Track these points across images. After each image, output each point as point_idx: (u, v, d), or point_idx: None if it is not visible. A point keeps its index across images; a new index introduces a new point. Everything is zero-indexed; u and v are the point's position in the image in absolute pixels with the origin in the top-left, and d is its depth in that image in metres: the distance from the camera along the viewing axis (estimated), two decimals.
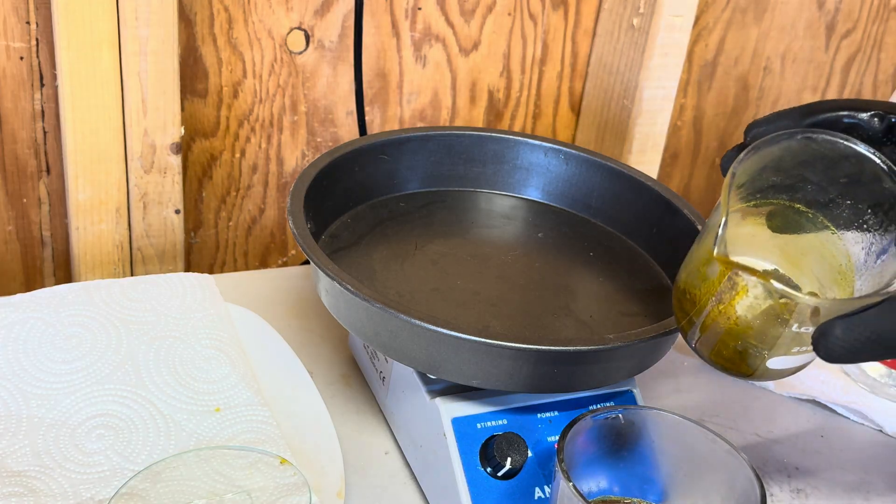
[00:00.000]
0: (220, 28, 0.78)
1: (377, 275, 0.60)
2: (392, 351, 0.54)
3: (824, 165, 0.47)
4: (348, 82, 0.84)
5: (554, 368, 0.52)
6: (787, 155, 0.48)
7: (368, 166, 0.67)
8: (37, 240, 0.80)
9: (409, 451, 0.60)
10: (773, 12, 0.98)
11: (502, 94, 0.91)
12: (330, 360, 0.69)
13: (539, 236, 0.67)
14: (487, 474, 0.53)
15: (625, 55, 0.87)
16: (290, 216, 0.57)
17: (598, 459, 0.50)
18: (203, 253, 0.87)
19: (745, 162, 0.46)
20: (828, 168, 0.47)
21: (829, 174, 0.48)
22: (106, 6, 0.68)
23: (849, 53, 1.05)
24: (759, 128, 0.50)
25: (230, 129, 0.82)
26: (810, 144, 0.47)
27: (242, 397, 0.59)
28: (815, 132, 0.47)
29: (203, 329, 0.63)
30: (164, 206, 0.77)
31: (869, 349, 0.42)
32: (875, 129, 0.48)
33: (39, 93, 0.74)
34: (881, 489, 0.64)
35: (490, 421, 0.55)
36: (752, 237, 0.49)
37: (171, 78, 0.72)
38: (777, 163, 0.48)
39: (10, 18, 0.71)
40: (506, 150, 0.70)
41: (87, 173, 0.73)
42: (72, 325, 0.61)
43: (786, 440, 0.67)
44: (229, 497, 0.52)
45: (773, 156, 0.47)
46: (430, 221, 0.67)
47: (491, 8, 0.86)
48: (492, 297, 0.59)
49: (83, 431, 0.56)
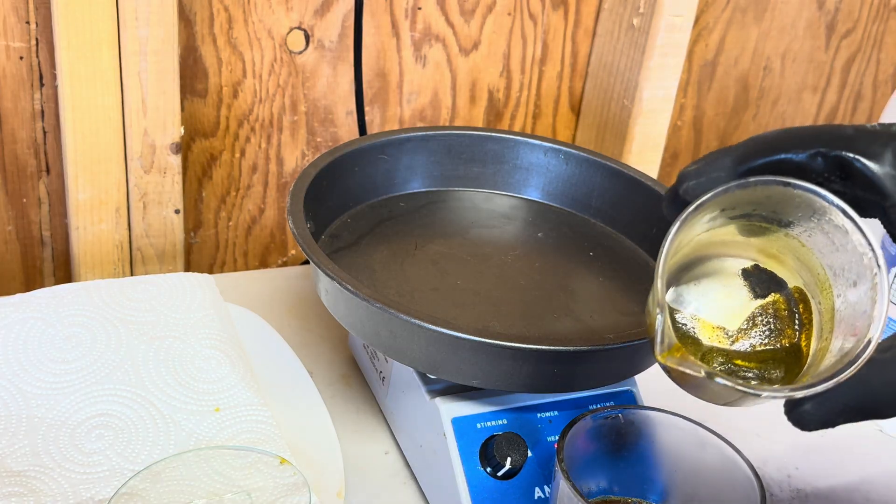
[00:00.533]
0: (219, 28, 0.78)
1: (377, 275, 0.60)
2: (392, 351, 0.54)
3: (773, 203, 0.44)
4: (348, 82, 0.84)
5: (554, 368, 0.52)
6: (727, 204, 0.44)
7: (368, 166, 0.67)
8: (36, 240, 0.80)
9: (409, 451, 0.60)
10: (774, 12, 0.98)
11: (502, 93, 0.91)
12: (330, 360, 0.69)
13: (539, 236, 0.67)
14: (487, 474, 0.53)
15: (625, 55, 0.87)
16: (290, 216, 0.57)
17: (598, 459, 0.50)
18: (203, 253, 0.87)
19: (681, 232, 0.43)
20: (777, 204, 0.44)
21: (779, 209, 0.44)
22: (106, 6, 0.68)
23: (849, 53, 1.05)
24: (690, 181, 0.44)
25: (230, 129, 0.82)
26: (747, 191, 0.43)
27: (242, 397, 0.59)
28: (748, 182, 0.42)
29: (203, 329, 0.63)
30: (163, 205, 0.77)
31: (843, 419, 0.42)
32: (818, 169, 0.43)
33: (39, 92, 0.74)
34: (882, 489, 0.64)
35: (490, 421, 0.55)
36: (726, 239, 0.47)
37: (171, 78, 0.72)
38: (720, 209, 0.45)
39: (10, 18, 0.71)
40: (506, 149, 0.70)
41: (86, 173, 0.73)
42: (71, 325, 0.61)
43: (786, 441, 0.67)
44: (229, 497, 0.52)
45: (711, 209, 0.44)
46: (430, 221, 0.67)
47: (491, 8, 0.86)
48: (492, 297, 0.59)
49: (83, 431, 0.56)
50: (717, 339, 0.46)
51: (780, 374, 0.45)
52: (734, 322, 0.46)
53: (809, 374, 0.44)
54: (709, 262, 0.47)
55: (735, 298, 0.46)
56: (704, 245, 0.46)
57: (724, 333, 0.46)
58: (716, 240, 0.46)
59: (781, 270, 0.46)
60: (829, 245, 0.43)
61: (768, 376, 0.45)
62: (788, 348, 0.45)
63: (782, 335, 0.46)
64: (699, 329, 0.46)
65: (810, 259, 0.45)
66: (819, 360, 0.44)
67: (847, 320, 0.43)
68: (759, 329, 0.46)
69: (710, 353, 0.46)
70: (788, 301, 0.46)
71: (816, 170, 0.43)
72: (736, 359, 0.46)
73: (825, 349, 0.44)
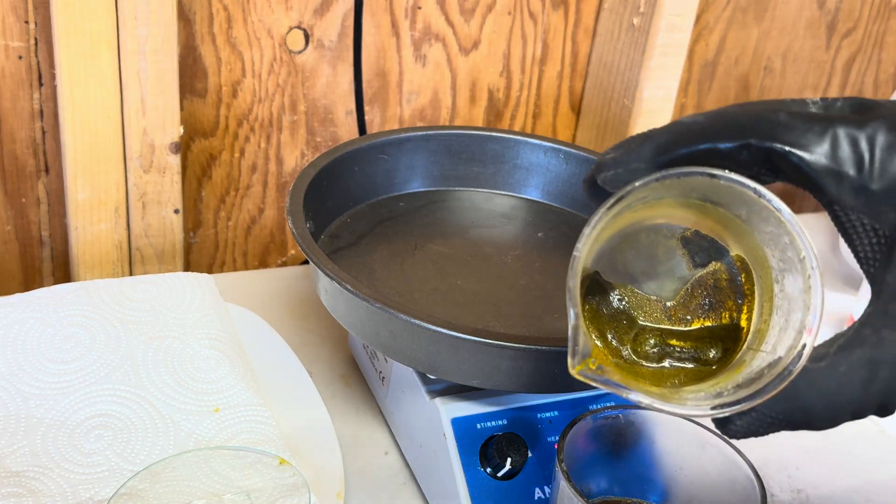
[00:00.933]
0: (219, 27, 0.78)
1: (377, 274, 0.60)
2: (392, 351, 0.54)
3: (703, 190, 0.40)
4: (348, 82, 0.84)
5: (554, 368, 0.52)
6: (649, 193, 0.40)
7: (368, 166, 0.67)
8: (35, 239, 0.80)
9: (409, 451, 0.60)
10: (774, 11, 0.98)
11: (502, 93, 0.91)
12: (329, 361, 0.69)
13: (539, 236, 0.67)
14: (487, 475, 0.53)
15: (625, 55, 0.87)
16: (290, 216, 0.57)
17: (599, 460, 0.50)
18: (202, 253, 0.86)
19: (595, 230, 0.40)
20: (707, 191, 0.40)
21: (710, 195, 0.41)
22: (105, 5, 0.68)
23: (850, 53, 1.05)
24: (607, 171, 0.41)
25: (229, 129, 0.82)
26: (666, 183, 0.39)
27: (242, 397, 0.59)
28: (668, 174, 0.39)
29: (202, 329, 0.63)
30: (163, 205, 0.77)
31: (771, 431, 0.40)
32: (746, 162, 0.39)
33: (38, 92, 0.74)
34: (882, 490, 0.64)
35: (490, 421, 0.55)
36: (663, 210, 0.43)
37: (171, 77, 0.72)
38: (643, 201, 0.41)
39: (9, 17, 0.71)
40: (506, 149, 0.70)
41: (85, 173, 0.73)
42: (70, 325, 0.61)
43: (786, 440, 0.66)
44: (228, 497, 0.52)
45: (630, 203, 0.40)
46: (430, 221, 0.67)
47: (491, 7, 0.86)
48: (492, 297, 0.59)
49: (82, 431, 0.55)
50: (653, 313, 0.44)
51: (716, 353, 0.43)
52: (672, 293, 0.44)
53: (745, 362, 0.41)
54: (645, 230, 0.44)
55: (673, 268, 0.44)
56: (639, 215, 0.43)
57: (660, 306, 0.44)
58: (652, 211, 0.43)
59: (722, 238, 0.43)
60: (766, 232, 0.40)
61: (704, 357, 0.43)
62: (727, 326, 0.43)
63: (722, 307, 0.43)
64: (634, 303, 0.44)
65: (750, 238, 0.41)
66: (758, 343, 0.41)
67: (783, 308, 0.40)
68: (698, 301, 0.43)
69: (644, 334, 0.43)
70: (730, 270, 0.43)
71: (745, 163, 0.39)
72: (671, 338, 0.43)
73: (763, 332, 0.41)
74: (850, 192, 0.38)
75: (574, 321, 0.39)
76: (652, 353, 0.43)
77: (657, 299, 0.44)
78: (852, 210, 0.38)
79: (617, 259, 0.44)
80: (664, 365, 0.43)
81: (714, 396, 0.39)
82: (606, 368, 0.39)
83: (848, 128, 0.38)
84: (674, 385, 0.43)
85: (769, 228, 0.40)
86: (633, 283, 0.44)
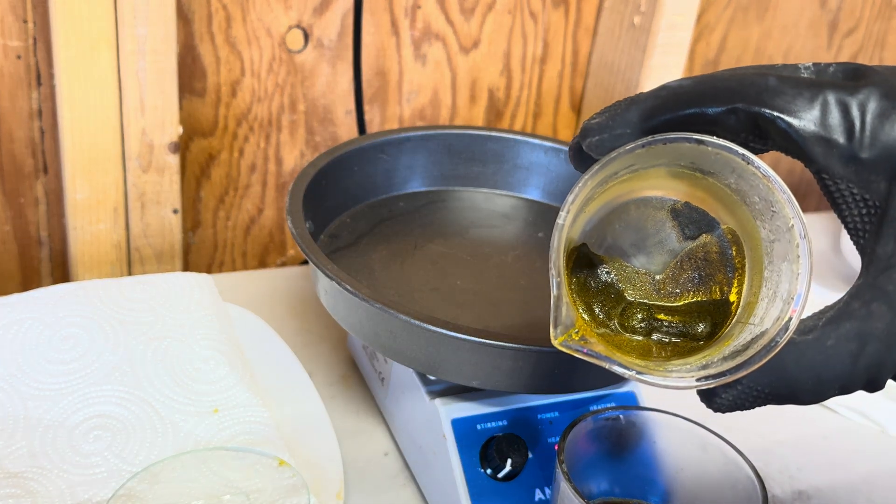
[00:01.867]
0: (218, 27, 0.78)
1: (376, 275, 0.60)
2: (391, 351, 0.53)
3: (691, 157, 0.39)
4: (347, 81, 0.84)
5: (554, 369, 0.52)
6: (636, 161, 0.39)
7: (368, 166, 0.67)
8: (34, 240, 0.80)
9: (409, 452, 0.60)
10: (775, 11, 0.98)
11: (502, 93, 0.91)
12: (329, 361, 0.69)
13: (539, 236, 0.67)
14: (487, 476, 0.53)
15: (626, 54, 0.87)
16: (289, 216, 0.57)
17: (599, 461, 0.49)
18: (201, 253, 0.86)
19: (578, 198, 0.39)
20: (695, 158, 0.39)
21: (698, 163, 0.40)
22: (104, 5, 0.68)
23: (851, 52, 1.05)
24: (592, 136, 0.40)
25: (228, 129, 0.82)
26: (653, 150, 0.38)
27: (241, 398, 0.59)
28: (655, 140, 0.38)
29: (201, 329, 0.63)
30: (162, 205, 0.76)
31: (756, 404, 0.39)
32: (734, 128, 0.38)
33: (37, 92, 0.74)
34: (884, 490, 0.63)
35: (490, 422, 0.54)
36: (651, 180, 0.42)
37: (170, 77, 0.72)
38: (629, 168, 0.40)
39: (8, 17, 0.71)
40: (506, 149, 0.70)
41: (84, 173, 0.73)
42: (69, 325, 0.61)
43: (788, 441, 0.66)
44: (227, 498, 0.51)
45: (623, 161, 0.39)
46: (429, 221, 0.67)
47: (491, 6, 0.86)
48: (492, 297, 0.59)
49: (80, 432, 0.55)
50: (642, 287, 0.43)
51: (705, 328, 0.42)
52: (661, 266, 0.43)
53: (733, 335, 0.41)
54: (634, 202, 0.43)
55: (663, 240, 0.43)
56: (628, 186, 0.42)
57: (649, 280, 0.43)
58: (641, 182, 0.42)
59: (713, 210, 0.42)
60: (756, 201, 0.39)
61: (692, 332, 0.42)
62: (716, 301, 0.42)
63: (712, 281, 0.42)
64: (622, 276, 0.43)
65: (741, 209, 0.41)
66: (746, 317, 0.40)
67: (772, 280, 0.39)
68: (688, 274, 0.43)
69: (632, 308, 0.43)
70: (721, 243, 0.42)
71: (732, 128, 0.38)
72: (659, 313, 0.43)
73: (753, 305, 0.41)
74: (839, 160, 0.37)
75: (556, 291, 0.38)
76: (640, 327, 0.42)
77: (646, 272, 0.43)
78: (841, 179, 0.37)
79: (605, 232, 0.43)
80: (652, 339, 0.43)
81: (700, 369, 0.39)
82: (590, 340, 0.38)
83: (839, 93, 0.37)
84: (661, 359, 0.42)
85: (758, 197, 0.39)
86: (622, 257, 0.43)
